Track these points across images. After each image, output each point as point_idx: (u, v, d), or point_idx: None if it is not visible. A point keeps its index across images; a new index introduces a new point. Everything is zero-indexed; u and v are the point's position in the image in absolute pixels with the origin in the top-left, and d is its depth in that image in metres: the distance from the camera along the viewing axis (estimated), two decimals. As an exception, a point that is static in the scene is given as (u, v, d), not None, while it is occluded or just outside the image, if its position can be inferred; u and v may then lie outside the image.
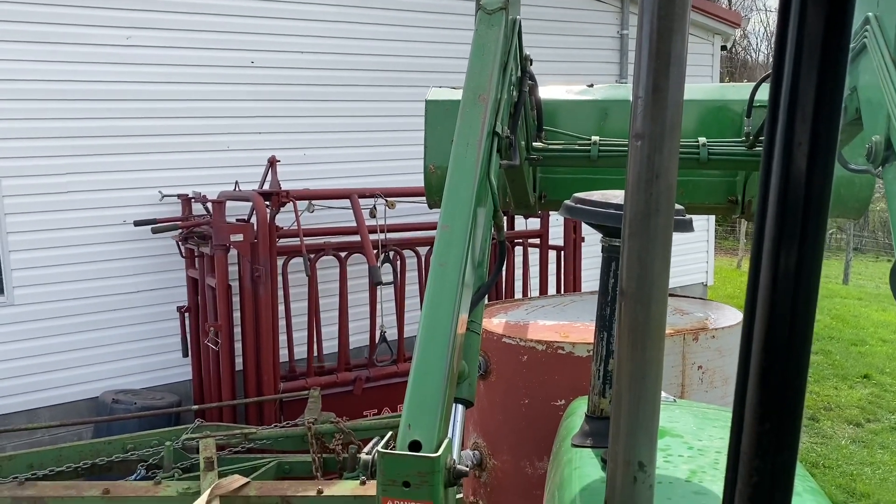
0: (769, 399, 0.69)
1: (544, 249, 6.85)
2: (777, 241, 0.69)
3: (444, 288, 1.74)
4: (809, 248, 0.70)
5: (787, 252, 0.70)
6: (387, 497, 1.46)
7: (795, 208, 0.70)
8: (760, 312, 0.69)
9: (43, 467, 3.97)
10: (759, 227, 0.73)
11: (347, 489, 3.73)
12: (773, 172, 0.71)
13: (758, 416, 0.69)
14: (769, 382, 0.68)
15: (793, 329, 0.68)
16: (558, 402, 3.00)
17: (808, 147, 0.69)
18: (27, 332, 5.86)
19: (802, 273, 0.69)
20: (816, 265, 0.71)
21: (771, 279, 0.68)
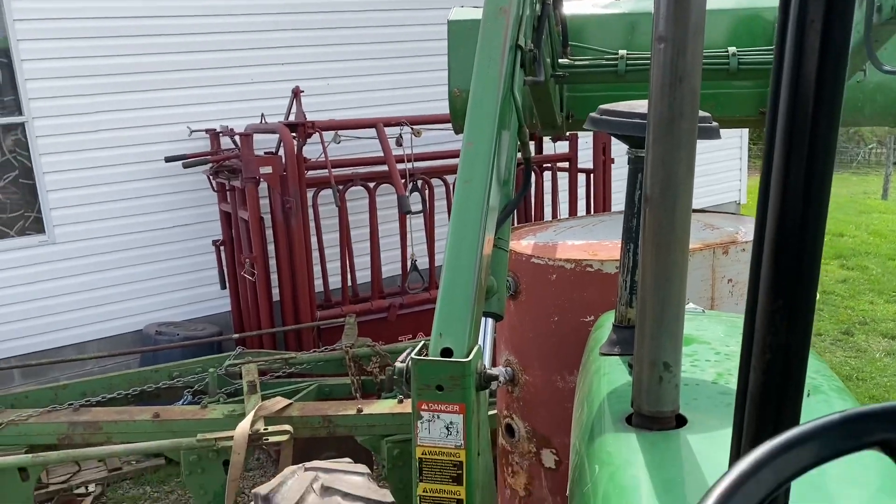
0: (782, 277, 0.71)
1: (573, 173, 6.80)
2: (790, 122, 0.70)
3: (470, 204, 1.77)
4: (822, 133, 0.71)
5: (800, 134, 0.71)
6: (422, 400, 1.53)
7: (806, 102, 0.70)
8: (774, 192, 0.70)
9: (95, 395, 4.18)
10: (772, 111, 0.73)
11: (386, 407, 3.87)
12: (784, 71, 0.71)
13: (771, 294, 0.71)
14: (782, 260, 0.70)
15: (806, 206, 0.69)
16: (587, 319, 3.04)
17: (820, 36, 0.68)
18: (70, 270, 6.06)
19: (816, 155, 0.70)
20: (830, 149, 0.71)
21: (784, 159, 0.70)
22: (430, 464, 1.54)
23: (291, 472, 2.69)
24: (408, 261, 6.21)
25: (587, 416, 1.77)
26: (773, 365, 0.74)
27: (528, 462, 3.42)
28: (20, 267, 5.88)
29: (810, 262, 0.72)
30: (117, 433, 3.83)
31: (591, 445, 1.59)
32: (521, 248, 3.31)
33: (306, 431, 3.79)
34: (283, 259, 5.48)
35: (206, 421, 3.81)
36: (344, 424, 3.82)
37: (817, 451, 0.56)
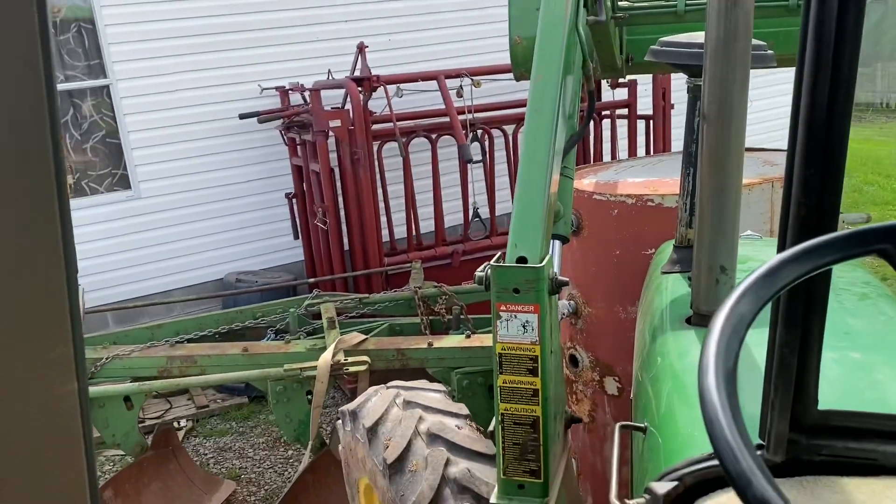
0: (814, 147, 0.87)
1: (632, 119, 6.83)
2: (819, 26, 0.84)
3: (540, 130, 1.94)
4: (848, 44, 0.85)
5: (825, 52, 0.85)
6: (500, 302, 1.72)
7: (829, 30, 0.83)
8: (808, 71, 0.85)
9: (188, 333, 4.52)
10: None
11: (455, 342, 4.10)
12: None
13: (804, 162, 0.87)
14: (813, 131, 0.86)
15: (836, 80, 0.84)
16: (648, 252, 3.18)
17: None
18: (155, 223, 6.47)
19: (844, 47, 0.85)
20: (856, 42, 0.86)
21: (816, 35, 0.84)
22: (509, 358, 1.74)
23: (374, 391, 2.95)
24: (469, 210, 6.40)
25: (650, 322, 1.95)
26: (807, 221, 0.90)
27: (591, 390, 3.62)
28: (109, 221, 6.30)
29: (837, 138, 0.88)
30: (210, 366, 4.17)
31: (654, 342, 1.78)
32: (583, 186, 3.45)
33: (381, 363, 4.05)
34: (352, 208, 5.74)
35: (290, 354, 4.11)
36: (416, 357, 4.07)
37: (834, 253, 0.72)
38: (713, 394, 0.57)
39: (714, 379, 0.58)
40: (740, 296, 0.66)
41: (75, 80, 6.08)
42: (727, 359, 0.59)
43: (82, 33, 6.03)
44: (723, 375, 0.58)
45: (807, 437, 0.99)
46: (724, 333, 0.62)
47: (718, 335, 0.61)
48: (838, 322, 1.65)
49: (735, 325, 0.63)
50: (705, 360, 0.60)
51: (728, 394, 0.57)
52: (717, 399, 0.56)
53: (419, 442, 2.52)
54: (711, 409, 0.56)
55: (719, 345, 0.61)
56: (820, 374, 1.05)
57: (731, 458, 0.53)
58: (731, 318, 0.63)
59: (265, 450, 5.27)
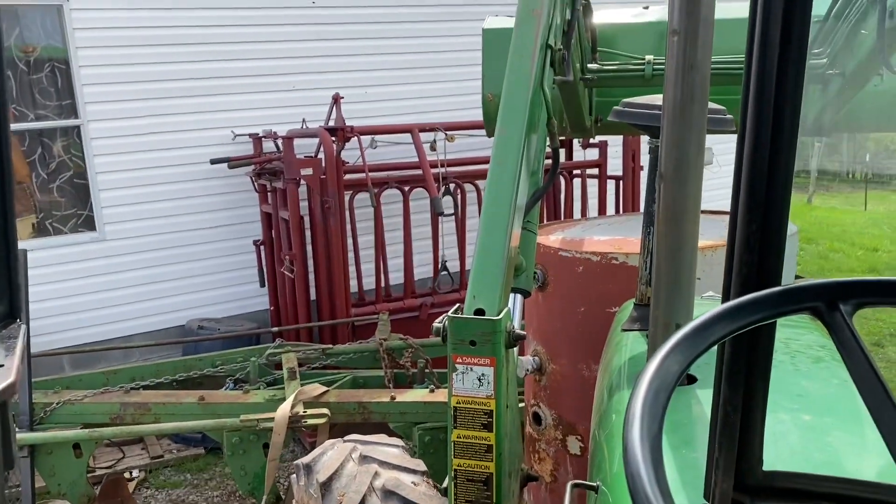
0: (755, 205, 0.87)
1: (603, 179, 6.95)
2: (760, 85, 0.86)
3: (502, 183, 1.96)
4: (789, 103, 0.87)
5: (767, 109, 0.87)
6: (456, 354, 1.70)
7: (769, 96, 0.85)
8: (749, 130, 0.87)
9: (144, 380, 4.41)
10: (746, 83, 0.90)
11: (418, 396, 4.05)
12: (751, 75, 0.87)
13: (746, 220, 0.88)
14: (755, 189, 0.87)
15: (777, 140, 0.85)
16: (612, 309, 3.19)
17: (778, 51, 0.84)
18: (119, 266, 6.36)
19: (786, 97, 0.86)
20: (796, 102, 0.88)
21: (757, 104, 0.86)
22: (463, 412, 1.72)
23: (331, 444, 2.87)
24: (439, 262, 6.41)
25: (608, 379, 1.94)
26: (749, 279, 0.90)
27: (554, 449, 3.57)
28: (72, 262, 6.19)
29: (779, 198, 0.89)
30: (165, 414, 4.05)
31: (611, 400, 1.76)
32: (550, 242, 3.47)
33: (342, 416, 3.98)
34: (320, 257, 5.71)
35: (248, 404, 4.02)
36: (378, 411, 4.00)
37: (765, 311, 0.72)
38: (636, 448, 0.55)
39: (639, 433, 0.56)
40: (668, 352, 0.65)
41: (46, 120, 6.04)
42: (653, 413, 0.58)
43: (56, 73, 6.02)
44: (647, 430, 0.57)
45: (751, 498, 0.97)
46: (651, 388, 0.61)
47: (645, 389, 0.60)
48: (791, 383, 1.65)
49: (662, 381, 0.62)
50: (631, 413, 0.59)
51: (651, 448, 0.55)
52: (639, 453, 0.55)
53: (373, 498, 2.45)
54: (633, 464, 0.54)
55: (646, 399, 0.60)
56: (769, 433, 1.04)
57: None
58: (658, 373, 0.62)
59: (219, 503, 5.09)
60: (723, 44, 2.66)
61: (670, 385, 0.62)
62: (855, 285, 0.75)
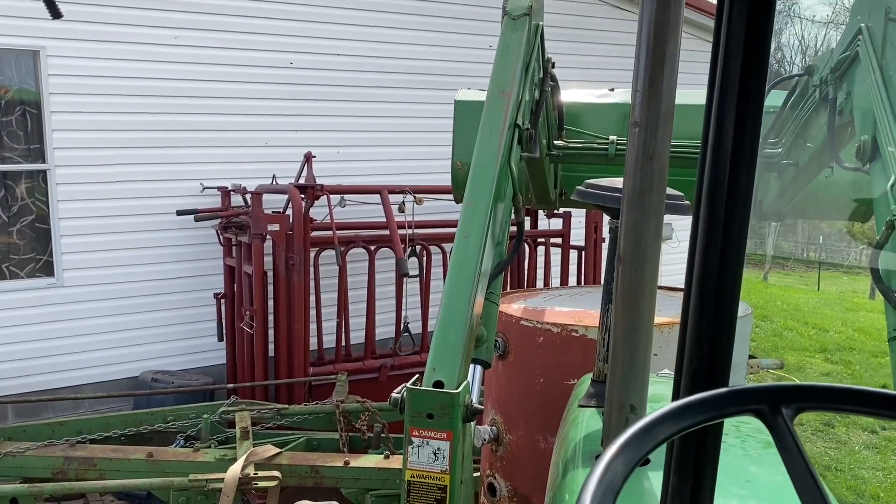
0: (706, 300, 0.92)
1: (566, 249, 7.07)
2: (710, 207, 0.92)
3: (467, 255, 1.99)
4: (739, 209, 0.92)
5: (718, 212, 0.92)
6: (413, 427, 1.71)
7: (721, 195, 0.91)
8: (702, 227, 0.91)
9: (91, 433, 4.28)
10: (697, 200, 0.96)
11: (372, 462, 3.99)
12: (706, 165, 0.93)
13: (697, 314, 0.92)
14: (706, 284, 0.91)
15: (728, 237, 0.90)
16: (571, 382, 3.22)
17: (731, 145, 0.90)
18: (74, 313, 6.22)
19: (735, 210, 0.92)
20: (744, 216, 0.93)
21: (709, 213, 0.91)
22: (417, 486, 1.71)
23: (281, 510, 2.81)
24: (401, 323, 6.39)
25: (563, 455, 1.95)
26: (699, 371, 0.94)
27: (508, 521, 3.53)
28: (26, 307, 6.04)
29: (728, 294, 0.93)
30: (111, 470, 3.92)
31: (565, 477, 1.77)
32: (512, 311, 3.51)
33: (294, 480, 3.89)
34: (282, 313, 5.67)
35: (197, 463, 3.92)
36: (331, 475, 3.93)
37: (710, 412, 0.75)
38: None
39: None
40: (614, 454, 0.67)
41: (12, 162, 5.97)
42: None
43: (26, 117, 5.99)
44: None
45: None
46: (598, 492, 0.63)
47: (592, 494, 0.63)
48: (741, 469, 1.68)
49: (609, 484, 0.64)
50: None
51: None
52: None
53: (321, 569, 2.39)
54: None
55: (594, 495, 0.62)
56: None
57: None
58: (604, 478, 0.65)
59: (159, 567, 4.88)
60: (684, 129, 2.80)
61: (617, 487, 0.65)
62: (797, 390, 0.79)
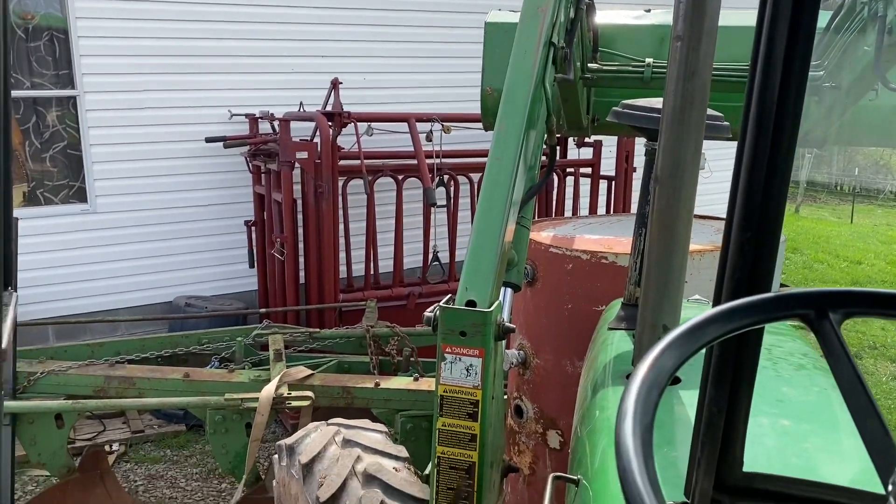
0: (751, 212, 0.90)
1: (595, 179, 6.98)
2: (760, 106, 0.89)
3: (500, 177, 1.98)
4: (789, 118, 0.89)
5: (767, 123, 0.89)
6: (446, 344, 1.73)
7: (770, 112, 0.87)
8: (750, 136, 0.89)
9: (129, 354, 4.41)
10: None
11: (402, 384, 4.07)
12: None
13: (741, 226, 0.91)
14: (752, 196, 0.89)
15: (776, 147, 0.87)
16: (599, 308, 3.23)
17: (782, 65, 0.86)
18: (108, 239, 6.33)
19: (787, 110, 0.89)
20: (797, 115, 0.90)
21: (756, 125, 0.89)
22: (449, 401, 1.74)
23: (315, 427, 2.90)
24: (429, 253, 6.43)
25: (592, 376, 1.97)
26: (741, 284, 0.93)
27: (534, 442, 3.61)
28: (61, 233, 6.16)
29: (773, 208, 0.91)
30: (149, 389, 4.05)
31: (595, 397, 1.79)
32: (541, 239, 3.50)
33: (326, 400, 3.99)
34: (311, 241, 5.71)
35: (232, 384, 4.03)
36: (362, 396, 4.02)
37: (757, 315, 0.75)
38: (628, 441, 0.58)
39: (631, 427, 0.59)
40: (663, 349, 0.67)
41: (42, 89, 5.99)
42: (645, 409, 0.61)
43: (54, 42, 5.97)
44: (640, 424, 0.59)
45: (730, 498, 1.00)
46: (645, 384, 0.63)
47: (639, 385, 0.63)
48: (772, 389, 1.68)
49: (655, 377, 0.64)
50: (624, 408, 0.61)
51: (643, 443, 0.58)
52: (631, 447, 0.57)
53: (354, 482, 2.48)
54: (625, 457, 0.57)
55: (639, 395, 0.62)
56: (748, 436, 1.07)
57: (637, 497, 0.54)
58: (652, 370, 0.65)
59: (198, 481, 5.11)
60: (724, 51, 2.70)
61: (663, 382, 0.65)
62: (845, 295, 0.77)
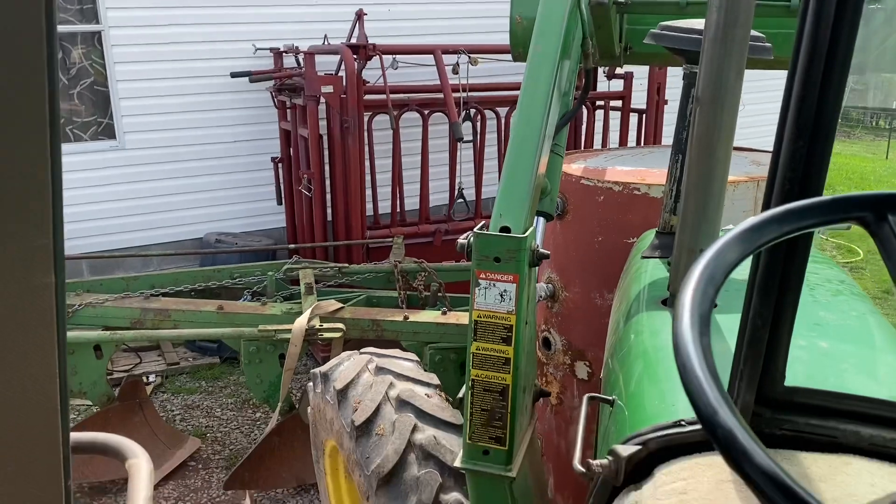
0: (805, 120, 0.87)
1: (626, 112, 6.85)
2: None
3: (534, 102, 1.94)
4: (846, 26, 0.85)
5: (824, 30, 0.85)
6: (480, 270, 1.73)
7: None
8: (805, 43, 0.86)
9: (163, 287, 4.50)
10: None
11: (431, 317, 4.12)
12: None
13: (794, 135, 0.88)
14: (806, 104, 0.87)
15: (832, 53, 0.84)
16: (630, 240, 3.21)
17: None
18: (138, 175, 6.39)
19: (842, 27, 0.86)
20: (851, 34, 0.86)
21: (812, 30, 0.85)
22: (483, 326, 1.75)
23: (348, 355, 2.95)
24: (455, 189, 6.40)
25: (627, 303, 1.97)
26: (791, 190, 0.91)
27: (561, 373, 3.65)
28: (91, 170, 6.22)
29: (827, 116, 0.89)
30: (184, 321, 4.15)
31: (628, 322, 1.79)
32: (571, 170, 3.46)
33: (356, 332, 4.06)
34: (338, 178, 5.71)
35: (265, 316, 4.10)
36: (391, 329, 4.08)
37: (815, 217, 0.73)
38: (686, 331, 0.58)
39: (689, 318, 0.59)
40: (727, 242, 0.67)
41: (67, 24, 5.96)
42: (703, 301, 0.60)
43: (77, -25, 5.92)
44: (697, 316, 0.59)
45: (771, 411, 1.01)
46: (706, 272, 0.63)
47: (697, 279, 0.62)
48: (810, 313, 1.67)
49: (717, 267, 0.64)
50: (682, 300, 0.61)
51: (700, 333, 0.58)
52: (689, 336, 0.57)
53: (388, 407, 2.53)
54: (683, 346, 0.57)
55: (696, 288, 0.62)
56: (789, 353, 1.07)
57: (698, 388, 0.54)
58: (715, 259, 0.64)
59: (233, 410, 5.27)
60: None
61: (723, 273, 0.64)
62: None
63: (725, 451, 0.52)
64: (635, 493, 1.03)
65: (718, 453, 0.75)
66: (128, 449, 0.89)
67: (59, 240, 0.61)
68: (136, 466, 0.86)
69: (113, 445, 0.90)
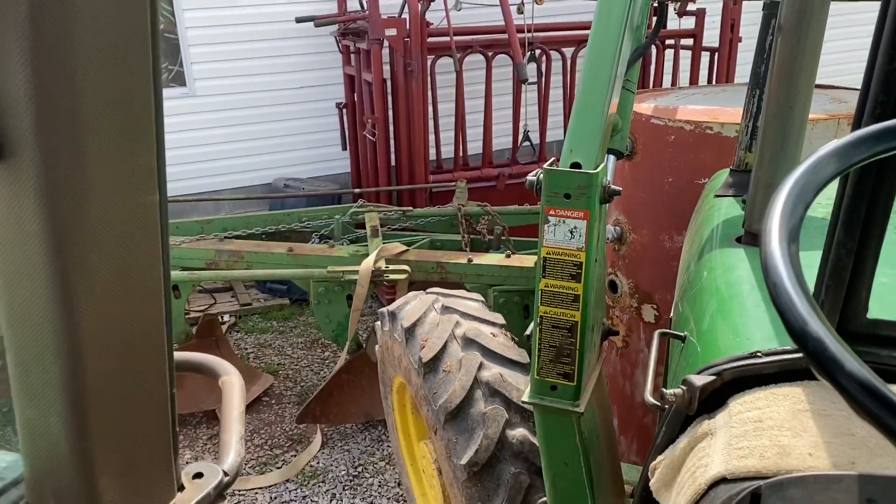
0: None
1: (697, 50, 6.59)
2: None
3: (607, 34, 1.88)
4: None
5: None
6: (550, 206, 1.72)
7: None
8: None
9: (235, 230, 4.64)
10: None
11: (495, 260, 4.14)
12: None
13: (888, 57, 0.84)
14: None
15: None
16: (702, 181, 3.13)
17: None
18: (208, 122, 6.54)
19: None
20: None
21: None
22: (553, 263, 1.76)
23: (414, 295, 3.01)
24: (519, 133, 6.32)
25: (699, 242, 1.94)
26: (884, 117, 0.87)
27: (627, 316, 3.63)
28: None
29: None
30: (256, 262, 4.29)
31: (701, 260, 1.77)
32: (641, 110, 3.38)
33: (421, 274, 4.12)
34: (401, 122, 5.71)
35: (333, 258, 4.20)
36: (455, 272, 4.12)
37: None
38: (775, 242, 0.57)
39: (778, 231, 0.58)
40: (824, 155, 0.65)
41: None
42: (793, 216, 0.60)
43: (144, -77, 5.97)
44: (787, 229, 0.58)
45: (853, 344, 0.99)
46: (800, 182, 0.62)
47: (793, 183, 0.61)
48: (890, 253, 1.62)
49: (811, 178, 0.63)
50: (772, 212, 0.60)
51: (789, 246, 0.57)
52: (777, 248, 0.57)
53: (454, 345, 2.58)
54: (771, 258, 0.56)
55: (787, 201, 0.61)
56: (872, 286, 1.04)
57: (787, 300, 0.54)
58: (811, 170, 0.63)
59: (303, 349, 5.45)
60: None
61: (818, 185, 0.63)
62: None
63: (816, 360, 0.52)
64: (709, 422, 1.04)
65: (795, 385, 0.74)
66: (221, 367, 0.95)
67: (162, 161, 0.64)
68: (228, 383, 0.91)
69: (208, 364, 0.96)
